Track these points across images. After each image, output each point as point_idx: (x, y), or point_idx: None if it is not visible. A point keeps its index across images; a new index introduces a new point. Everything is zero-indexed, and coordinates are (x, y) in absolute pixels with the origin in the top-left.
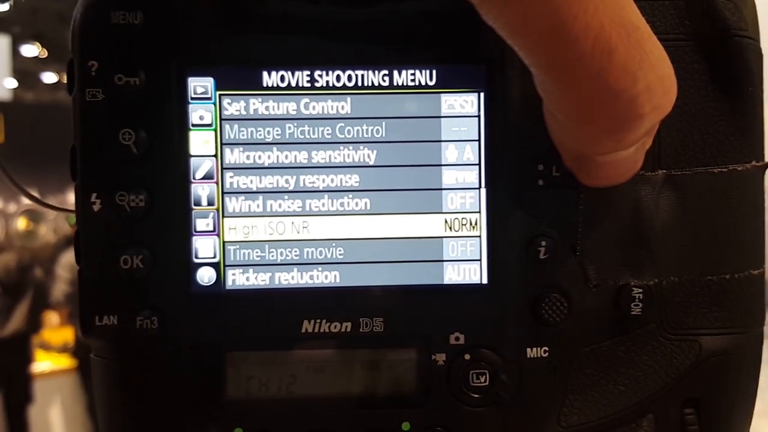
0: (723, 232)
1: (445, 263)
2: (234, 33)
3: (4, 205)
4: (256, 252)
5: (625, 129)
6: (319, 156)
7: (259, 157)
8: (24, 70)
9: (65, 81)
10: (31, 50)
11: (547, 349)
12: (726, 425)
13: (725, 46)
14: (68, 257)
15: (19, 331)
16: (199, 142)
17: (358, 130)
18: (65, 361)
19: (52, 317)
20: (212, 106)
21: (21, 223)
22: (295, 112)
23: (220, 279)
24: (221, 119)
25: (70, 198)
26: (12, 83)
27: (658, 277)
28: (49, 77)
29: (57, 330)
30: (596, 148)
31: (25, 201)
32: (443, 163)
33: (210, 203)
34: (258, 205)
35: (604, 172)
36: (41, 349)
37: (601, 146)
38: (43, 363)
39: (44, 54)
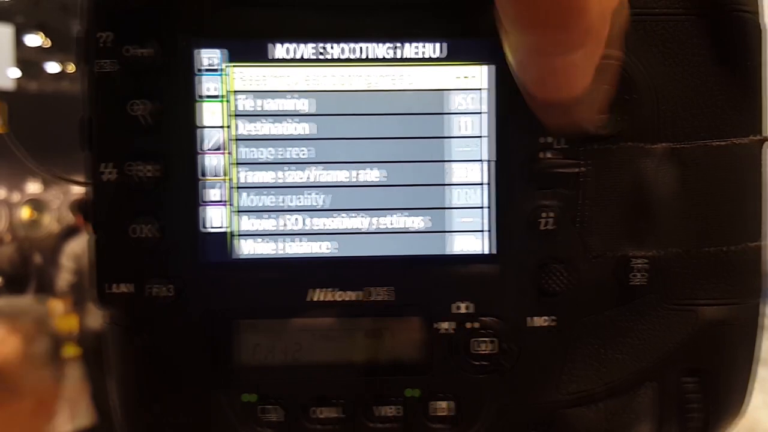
0: (722, 204)
1: (450, 234)
2: (244, 5)
3: (7, 195)
4: (265, 222)
5: (572, 15)
6: (328, 128)
7: (269, 128)
8: (27, 60)
9: (68, 71)
10: (34, 40)
11: (549, 318)
12: (724, 394)
13: (726, 21)
14: (72, 246)
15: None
16: (209, 114)
17: (365, 102)
18: (70, 349)
19: (56, 306)
20: (222, 77)
21: (25, 213)
22: (303, 84)
23: (230, 248)
24: (230, 91)
25: (74, 188)
26: (15, 73)
27: (658, 248)
28: (52, 67)
29: (62, 318)
30: (544, 46)
31: (29, 190)
32: (450, 135)
33: (220, 174)
34: (267, 176)
35: (554, 81)
36: None
37: (548, 42)
38: None
39: (47, 44)
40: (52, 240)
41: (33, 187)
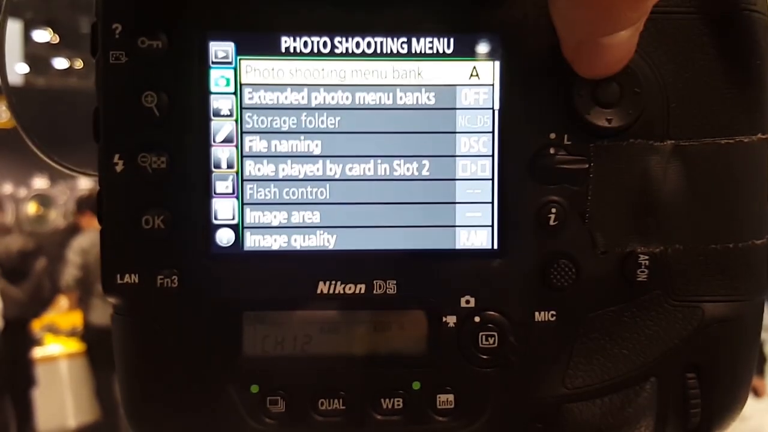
0: (728, 202)
1: (457, 228)
2: None
3: (14, 190)
4: (274, 214)
5: None
6: (338, 121)
7: (279, 122)
8: (35, 56)
9: (76, 67)
10: (42, 36)
11: (554, 313)
12: (726, 390)
13: (734, 20)
14: (79, 241)
15: (21, 318)
16: (220, 106)
17: (374, 96)
18: (74, 345)
19: (61, 301)
20: (233, 70)
21: (31, 208)
22: (314, 78)
23: (239, 240)
24: (241, 84)
25: (81, 183)
26: (24, 68)
27: (664, 244)
28: (60, 63)
29: (66, 314)
30: (604, 24)
31: (36, 186)
32: (458, 130)
33: (230, 166)
34: (276, 169)
35: (603, 58)
36: (50, 333)
37: (610, 19)
38: (51, 347)
39: (56, 39)
40: (59, 235)
41: (40, 183)
